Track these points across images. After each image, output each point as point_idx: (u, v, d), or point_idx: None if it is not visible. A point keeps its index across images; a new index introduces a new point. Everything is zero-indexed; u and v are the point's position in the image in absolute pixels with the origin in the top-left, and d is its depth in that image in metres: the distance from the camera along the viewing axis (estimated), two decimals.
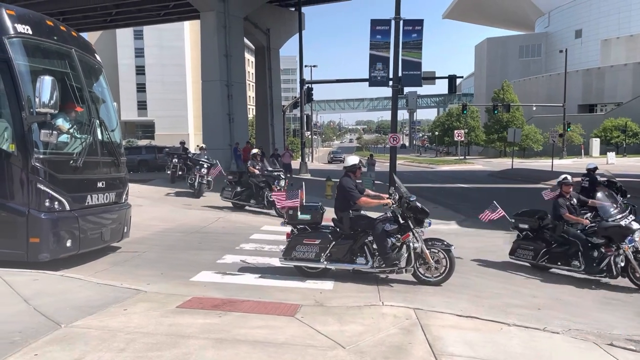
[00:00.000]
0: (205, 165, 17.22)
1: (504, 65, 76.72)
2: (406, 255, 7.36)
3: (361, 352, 4.55)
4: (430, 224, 7.62)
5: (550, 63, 73.31)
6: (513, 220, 9.82)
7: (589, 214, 10.06)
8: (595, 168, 13.58)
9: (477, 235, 12.99)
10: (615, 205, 8.55)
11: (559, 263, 8.86)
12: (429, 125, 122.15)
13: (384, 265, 7.33)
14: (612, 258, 8.13)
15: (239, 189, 15.37)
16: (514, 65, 77.06)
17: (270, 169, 15.41)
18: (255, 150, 16.55)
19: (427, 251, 7.36)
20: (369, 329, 5.17)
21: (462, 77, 42.39)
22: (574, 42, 69.85)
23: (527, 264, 9.37)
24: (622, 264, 8.12)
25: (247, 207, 15.42)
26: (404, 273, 7.44)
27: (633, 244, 8.07)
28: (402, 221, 7.41)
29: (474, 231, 13.71)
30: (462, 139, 61.79)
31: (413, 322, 5.44)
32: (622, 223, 8.16)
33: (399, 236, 7.36)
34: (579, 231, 8.73)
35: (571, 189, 9.44)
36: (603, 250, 8.27)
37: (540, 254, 9.10)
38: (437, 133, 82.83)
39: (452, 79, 28.18)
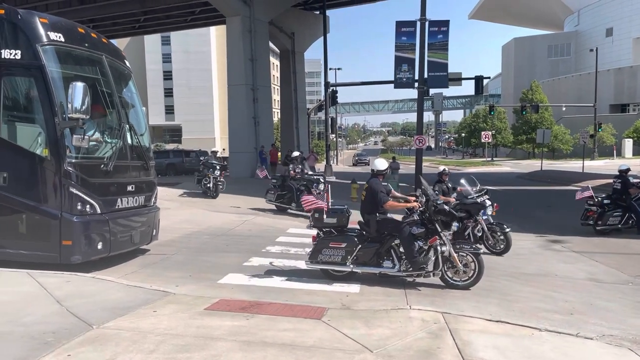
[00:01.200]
0: (322, 180, 15.02)
1: (532, 65, 75.43)
2: (433, 258, 7.28)
3: (389, 356, 4.51)
4: (457, 226, 7.52)
5: (580, 62, 71.75)
6: None
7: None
8: (628, 169, 13.26)
9: None
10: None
11: None
12: (455, 127, 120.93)
13: (411, 269, 7.26)
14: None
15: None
16: (543, 65, 75.68)
17: (473, 195, 10.55)
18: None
19: (455, 255, 7.26)
20: (397, 332, 5.13)
21: (489, 77, 41.53)
22: (604, 41, 68.21)
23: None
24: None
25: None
26: (432, 277, 7.36)
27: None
28: (429, 224, 7.33)
29: None
30: (490, 140, 60.96)
31: (441, 326, 5.37)
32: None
33: (426, 239, 7.28)
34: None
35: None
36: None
37: None
38: (463, 135, 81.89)
39: (478, 79, 27.86)
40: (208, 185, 18.20)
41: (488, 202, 10.45)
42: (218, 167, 18.41)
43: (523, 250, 10.99)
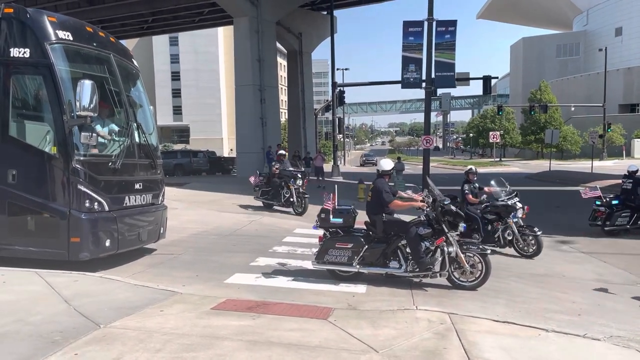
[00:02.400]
0: (518, 205, 10.42)
1: (541, 65, 75.03)
2: (440, 259, 7.26)
3: (395, 357, 4.51)
4: (465, 227, 7.49)
5: (589, 62, 71.28)
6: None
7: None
8: (637, 170, 13.15)
9: None
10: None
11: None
12: (463, 127, 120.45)
13: (417, 270, 7.24)
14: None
15: None
16: (551, 65, 75.25)
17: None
18: None
19: (462, 255, 7.24)
20: (403, 333, 5.12)
21: (497, 77, 41.29)
22: (614, 40, 67.69)
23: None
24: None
25: None
26: (438, 277, 7.34)
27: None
28: (436, 225, 7.31)
29: None
30: (498, 140, 60.74)
31: (448, 326, 5.36)
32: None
33: (433, 240, 7.26)
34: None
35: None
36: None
37: None
38: (471, 135, 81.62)
39: (486, 79, 27.79)
40: (291, 199, 14.84)
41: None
42: (300, 176, 14.68)
43: None
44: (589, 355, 4.85)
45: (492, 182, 10.84)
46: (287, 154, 11.01)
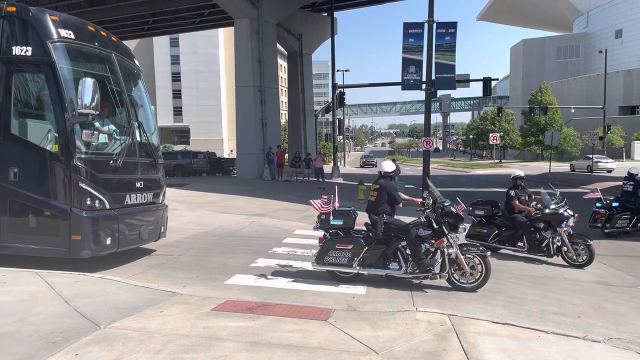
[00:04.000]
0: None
1: (541, 67, 75.18)
2: (440, 261, 7.26)
3: (395, 358, 4.51)
4: (465, 229, 7.50)
5: (589, 64, 71.43)
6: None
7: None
8: (637, 174, 13.16)
9: None
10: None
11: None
12: (463, 129, 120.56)
13: (417, 271, 7.25)
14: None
15: None
16: (551, 66, 75.40)
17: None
18: None
19: (462, 257, 7.24)
20: (403, 334, 5.12)
21: (497, 79, 41.29)
22: (614, 42, 67.87)
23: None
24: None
25: None
26: (438, 279, 7.34)
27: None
28: (436, 226, 7.31)
29: None
30: (498, 142, 60.82)
31: (448, 328, 5.36)
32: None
33: (433, 241, 7.27)
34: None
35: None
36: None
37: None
38: (471, 136, 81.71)
39: (486, 81, 27.84)
40: (563, 248, 9.83)
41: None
42: (571, 212, 9.94)
43: None
44: (589, 358, 4.85)
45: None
46: (524, 175, 10.93)
